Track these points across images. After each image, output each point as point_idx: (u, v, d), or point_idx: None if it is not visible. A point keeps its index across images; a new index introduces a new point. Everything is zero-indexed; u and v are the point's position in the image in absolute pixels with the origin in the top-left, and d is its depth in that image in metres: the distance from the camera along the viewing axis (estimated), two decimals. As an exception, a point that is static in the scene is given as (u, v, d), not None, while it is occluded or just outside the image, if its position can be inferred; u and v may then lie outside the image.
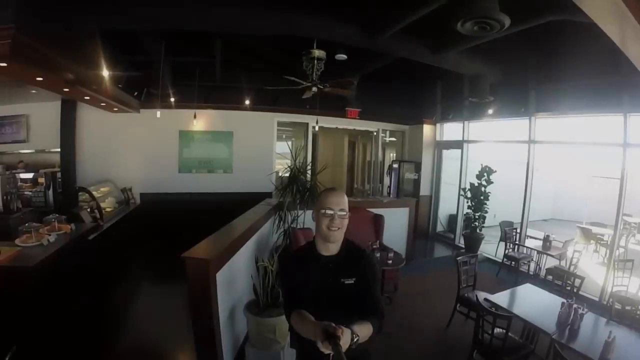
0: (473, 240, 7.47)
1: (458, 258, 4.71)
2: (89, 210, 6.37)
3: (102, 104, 6.77)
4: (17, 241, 4.33)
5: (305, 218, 5.88)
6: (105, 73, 5.06)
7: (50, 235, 4.58)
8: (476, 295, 3.84)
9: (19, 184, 7.28)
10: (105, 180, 7.66)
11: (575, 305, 3.36)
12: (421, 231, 9.09)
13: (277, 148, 8.82)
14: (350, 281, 1.83)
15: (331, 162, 12.62)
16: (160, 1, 4.40)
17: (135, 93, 7.01)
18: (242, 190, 8.02)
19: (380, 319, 1.73)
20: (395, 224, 6.88)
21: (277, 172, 7.80)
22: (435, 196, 9.26)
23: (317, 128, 8.30)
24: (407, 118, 9.55)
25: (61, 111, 7.32)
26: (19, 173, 7.53)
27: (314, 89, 5.57)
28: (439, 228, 9.30)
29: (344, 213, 1.85)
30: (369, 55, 6.27)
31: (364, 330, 1.54)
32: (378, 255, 5.20)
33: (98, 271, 5.42)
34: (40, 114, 7.49)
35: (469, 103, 7.15)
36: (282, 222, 5.82)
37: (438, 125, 9.17)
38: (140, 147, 8.15)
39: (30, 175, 7.69)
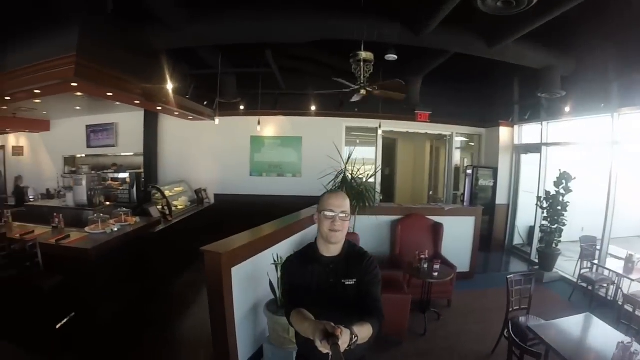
0: (547, 256, 6.54)
1: (508, 276, 4.15)
2: (160, 207, 7.02)
3: (176, 113, 7.48)
4: (86, 228, 5.10)
5: (357, 223, 5.78)
6: (170, 86, 5.54)
7: (114, 225, 5.25)
8: (510, 323, 3.34)
9: (109, 182, 8.34)
10: (181, 181, 8.41)
11: (633, 349, 2.63)
12: (497, 243, 8.29)
13: (349, 153, 8.76)
14: (351, 282, 1.85)
15: (412, 169, 12.25)
16: (207, 20, 4.69)
17: (205, 102, 7.53)
18: (310, 194, 8.11)
19: (380, 321, 1.72)
20: (458, 234, 6.36)
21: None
22: (513, 205, 8.34)
23: (380, 132, 8.09)
24: (483, 120, 8.81)
25: (144, 120, 8.34)
26: (110, 173, 8.63)
27: (362, 91, 5.42)
28: (517, 241, 8.37)
29: (345, 215, 1.87)
30: (426, 54, 5.93)
31: (363, 331, 1.53)
32: (425, 266, 4.78)
33: (159, 258, 5.92)
34: (127, 122, 8.60)
35: (545, 101, 6.33)
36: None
37: (516, 127, 8.25)
38: (215, 151, 8.82)
39: (121, 175, 8.72)
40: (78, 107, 7.42)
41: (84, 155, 9.26)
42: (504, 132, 8.27)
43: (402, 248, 5.88)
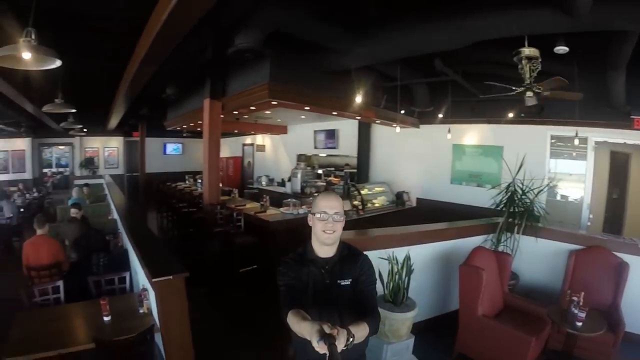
0: None
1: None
2: (356, 202, 8.22)
3: (377, 122, 8.46)
4: (281, 209, 6.87)
5: (520, 244, 5.06)
6: (358, 99, 6.49)
7: (301, 209, 6.83)
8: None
9: (330, 178, 10.17)
10: (383, 183, 9.42)
11: None
12: None
13: (559, 166, 7.65)
14: (346, 282, 1.88)
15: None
16: (367, 41, 5.25)
17: (402, 111, 8.16)
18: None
19: (377, 320, 1.76)
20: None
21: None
22: None
23: (577, 142, 6.72)
24: None
25: (358, 127, 9.76)
26: (333, 171, 10.50)
27: (529, 93, 4.89)
28: None
29: (339, 217, 1.88)
30: (613, 39, 4.75)
31: (359, 331, 1.56)
32: (575, 311, 3.94)
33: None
34: (346, 129, 10.25)
35: None
36: (493, 242, 5.48)
37: None
38: (418, 157, 9.36)
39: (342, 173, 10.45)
40: (303, 117, 9.52)
41: (324, 155, 11.50)
42: None
43: (572, 285, 4.74)
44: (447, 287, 4.73)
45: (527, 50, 4.52)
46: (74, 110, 5.85)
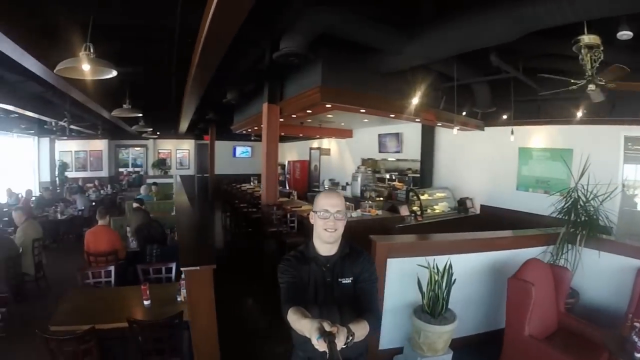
0: None
1: None
2: (416, 207, 8.01)
3: (438, 124, 8.16)
4: None
5: (582, 257, 4.44)
6: (415, 100, 6.29)
7: (354, 212, 6.92)
8: None
9: (394, 183, 10.06)
10: (445, 188, 9.03)
11: None
12: None
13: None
14: (348, 281, 1.90)
15: None
16: (416, 41, 5.09)
17: (464, 113, 7.75)
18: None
19: (377, 319, 1.77)
20: None
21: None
22: None
23: None
24: None
25: (422, 130, 9.47)
26: (396, 175, 10.37)
27: (591, 86, 4.36)
28: None
29: (341, 215, 1.88)
30: None
31: (360, 329, 1.57)
32: (635, 340, 3.35)
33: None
34: (410, 132, 9.98)
35: None
36: (552, 254, 4.96)
37: None
38: (482, 161, 8.86)
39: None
40: (366, 120, 9.45)
41: (393, 160, 11.28)
42: None
43: (639, 307, 4.13)
44: (496, 301, 4.26)
45: (587, 38, 3.98)
46: (140, 115, 6.45)
